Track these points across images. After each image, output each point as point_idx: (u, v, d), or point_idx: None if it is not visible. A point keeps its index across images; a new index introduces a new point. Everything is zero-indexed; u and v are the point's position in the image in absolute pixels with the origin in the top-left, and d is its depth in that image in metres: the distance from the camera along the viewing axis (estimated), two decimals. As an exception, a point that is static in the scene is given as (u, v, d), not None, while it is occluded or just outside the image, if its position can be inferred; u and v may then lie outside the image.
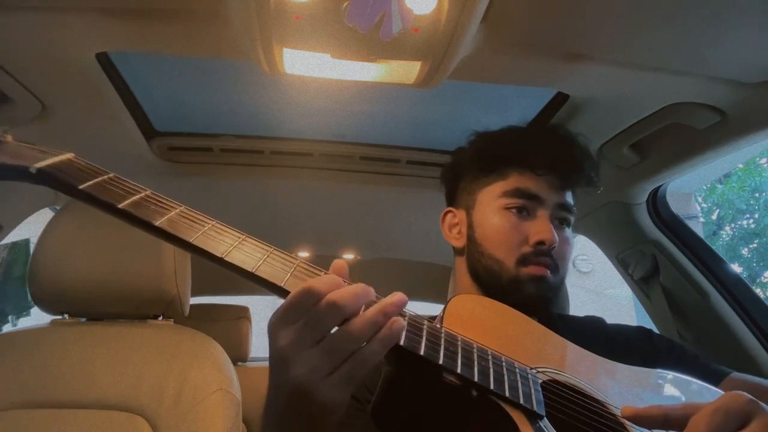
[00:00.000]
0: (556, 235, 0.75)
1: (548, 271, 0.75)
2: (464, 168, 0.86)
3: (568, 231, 0.81)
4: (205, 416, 0.90)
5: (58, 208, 1.27)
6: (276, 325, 0.45)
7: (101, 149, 1.19)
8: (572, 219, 0.81)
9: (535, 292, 0.74)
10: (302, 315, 0.44)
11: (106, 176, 0.49)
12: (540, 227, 0.75)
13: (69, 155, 0.51)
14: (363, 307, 0.45)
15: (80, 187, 0.47)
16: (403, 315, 0.49)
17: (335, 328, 0.45)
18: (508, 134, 0.86)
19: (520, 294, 0.73)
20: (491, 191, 0.80)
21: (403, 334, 0.47)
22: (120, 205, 0.46)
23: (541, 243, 0.74)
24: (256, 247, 0.48)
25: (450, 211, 0.88)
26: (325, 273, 0.48)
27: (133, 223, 0.47)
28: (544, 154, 0.79)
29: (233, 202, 1.56)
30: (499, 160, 0.81)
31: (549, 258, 0.75)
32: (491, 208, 0.79)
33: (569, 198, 0.80)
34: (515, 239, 0.76)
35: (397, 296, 0.46)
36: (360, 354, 0.44)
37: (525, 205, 0.77)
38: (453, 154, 0.93)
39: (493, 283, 0.76)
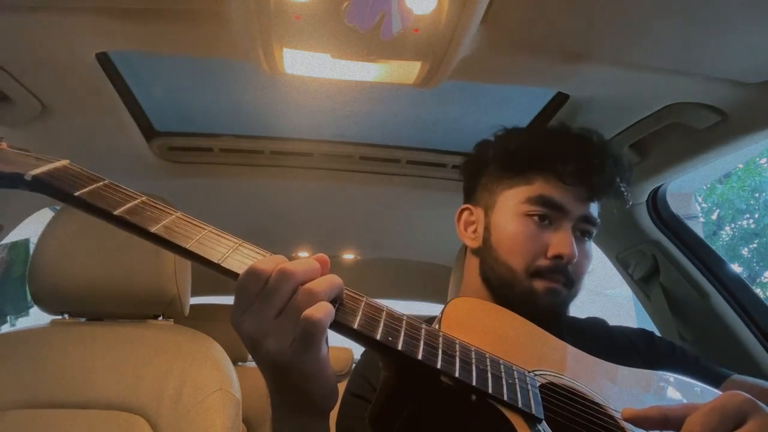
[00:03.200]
0: (576, 249, 0.72)
1: (561, 285, 0.72)
2: (487, 165, 0.82)
3: (589, 243, 0.77)
4: (205, 416, 0.90)
5: (58, 208, 1.27)
6: (236, 316, 0.46)
7: (101, 149, 1.19)
8: (594, 231, 0.77)
9: (548, 305, 0.72)
10: (255, 294, 0.45)
11: (101, 183, 0.49)
12: (561, 240, 0.72)
13: (64, 162, 0.50)
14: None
15: (75, 194, 0.47)
16: (400, 319, 0.49)
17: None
18: (538, 136, 0.81)
19: (534, 307, 0.71)
20: (514, 195, 0.76)
21: (401, 338, 0.47)
22: (116, 212, 0.46)
23: (558, 257, 0.71)
24: (253, 252, 0.48)
25: (467, 209, 0.84)
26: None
27: (128, 230, 0.47)
28: (574, 162, 0.74)
29: (233, 202, 1.56)
30: (526, 163, 0.76)
31: (564, 274, 0.72)
32: (512, 212, 0.76)
33: (594, 210, 0.77)
34: (532, 249, 0.73)
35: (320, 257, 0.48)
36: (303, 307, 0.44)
37: (547, 213, 0.73)
38: (476, 147, 0.87)
39: (504, 291, 0.74)
